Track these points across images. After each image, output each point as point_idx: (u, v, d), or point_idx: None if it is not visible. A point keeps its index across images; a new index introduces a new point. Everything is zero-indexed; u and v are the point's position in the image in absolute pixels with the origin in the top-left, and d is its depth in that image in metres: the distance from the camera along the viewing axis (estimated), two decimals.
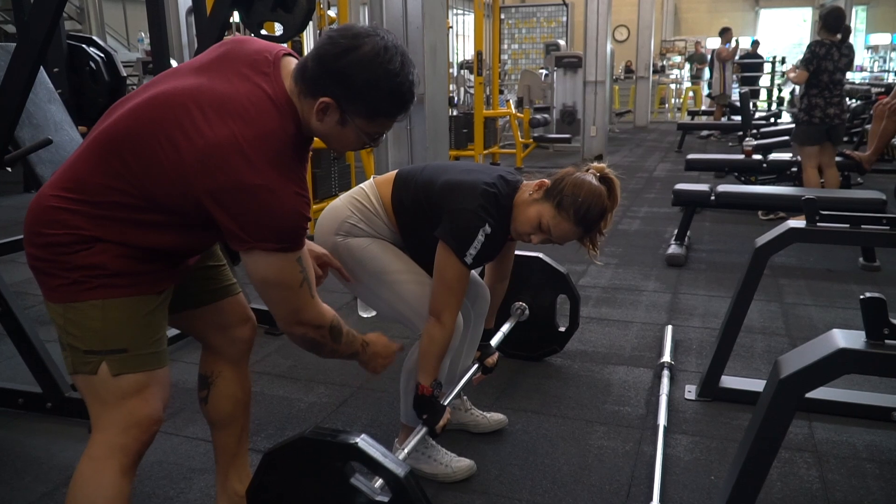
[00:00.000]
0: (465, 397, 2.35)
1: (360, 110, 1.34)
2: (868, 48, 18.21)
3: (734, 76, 11.48)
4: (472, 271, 2.09)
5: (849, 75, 4.85)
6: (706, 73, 13.59)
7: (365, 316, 3.37)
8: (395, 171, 2.06)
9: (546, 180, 1.93)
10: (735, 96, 11.06)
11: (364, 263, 1.96)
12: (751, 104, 9.48)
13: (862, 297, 1.46)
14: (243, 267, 1.40)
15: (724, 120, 10.76)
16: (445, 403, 2.00)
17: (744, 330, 2.67)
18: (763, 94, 14.23)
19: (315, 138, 1.41)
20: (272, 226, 1.29)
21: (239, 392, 1.72)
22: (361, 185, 2.06)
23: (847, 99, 5.22)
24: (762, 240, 2.38)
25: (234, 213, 1.27)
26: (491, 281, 2.30)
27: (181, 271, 1.48)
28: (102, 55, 3.63)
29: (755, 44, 13.38)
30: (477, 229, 1.84)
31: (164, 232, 1.34)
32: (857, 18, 18.82)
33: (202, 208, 1.28)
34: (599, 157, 8.65)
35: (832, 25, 4.67)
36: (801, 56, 4.97)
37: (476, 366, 2.27)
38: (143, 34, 9.78)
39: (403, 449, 1.83)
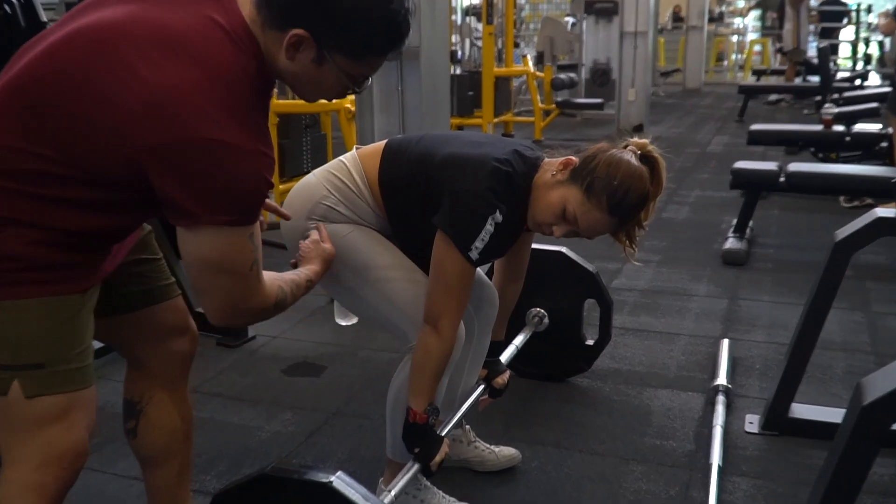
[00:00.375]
0: (467, 427, 2.37)
1: (343, 45, 1.34)
2: None
3: (810, 27, 11.52)
4: (478, 269, 2.10)
5: None
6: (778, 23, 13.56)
7: (343, 324, 3.41)
8: (384, 142, 2.07)
9: (573, 157, 1.94)
10: (812, 52, 11.10)
11: (343, 256, 1.97)
12: (831, 62, 9.52)
13: None
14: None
15: (797, 81, 10.81)
16: (443, 434, 2.02)
17: (819, 346, 2.66)
18: (846, 50, 14.31)
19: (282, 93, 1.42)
20: (229, 192, 1.28)
21: (176, 421, 1.73)
22: (341, 157, 2.07)
23: None
24: (844, 232, 2.40)
25: (182, 176, 1.25)
26: (501, 282, 2.31)
27: (110, 263, 1.48)
28: None
29: None
30: (484, 217, 1.85)
31: (94, 210, 1.33)
32: None
33: (140, 173, 1.27)
34: (639, 129, 8.68)
35: None
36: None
37: (482, 387, 2.28)
38: None
39: (390, 491, 1.85)
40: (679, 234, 4.96)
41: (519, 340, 2.63)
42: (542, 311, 2.82)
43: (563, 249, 2.79)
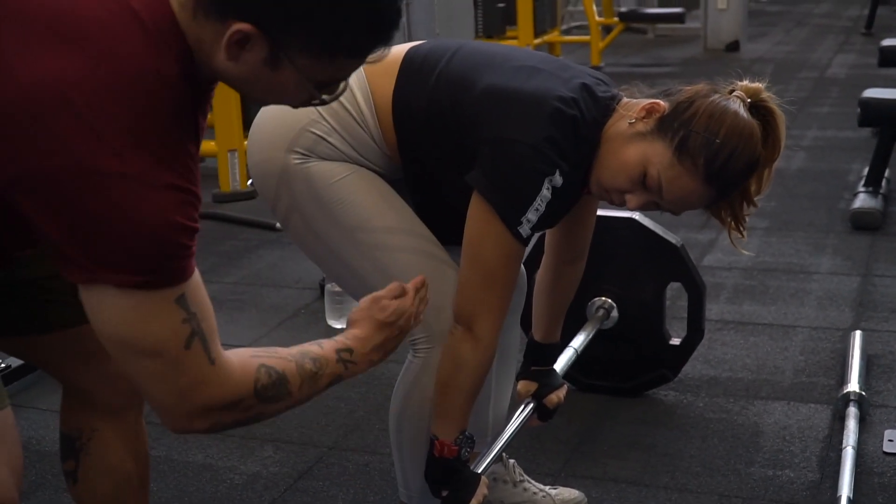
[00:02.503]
0: (511, 461, 2.40)
1: (305, 42, 1.29)
2: None
3: None
4: None
5: None
6: None
7: (338, 327, 3.45)
8: (403, 51, 2.06)
9: (661, 101, 1.94)
10: None
11: (332, 208, 1.99)
12: None
13: None
14: None
15: None
16: (479, 471, 2.06)
17: None
18: None
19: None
20: (125, 241, 1.22)
21: (127, 462, 1.76)
22: None
23: None
24: None
25: (59, 215, 1.22)
26: (554, 262, 2.33)
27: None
28: None
29: None
30: (541, 178, 1.86)
31: None
32: None
33: (7, 203, 1.24)
34: (734, 47, 8.68)
35: None
36: None
37: (530, 406, 2.32)
38: None
39: None
40: (793, 189, 5.01)
41: (579, 342, 2.65)
42: (610, 300, 2.83)
43: (635, 215, 2.81)
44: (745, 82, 1.99)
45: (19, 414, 2.88)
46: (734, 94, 1.95)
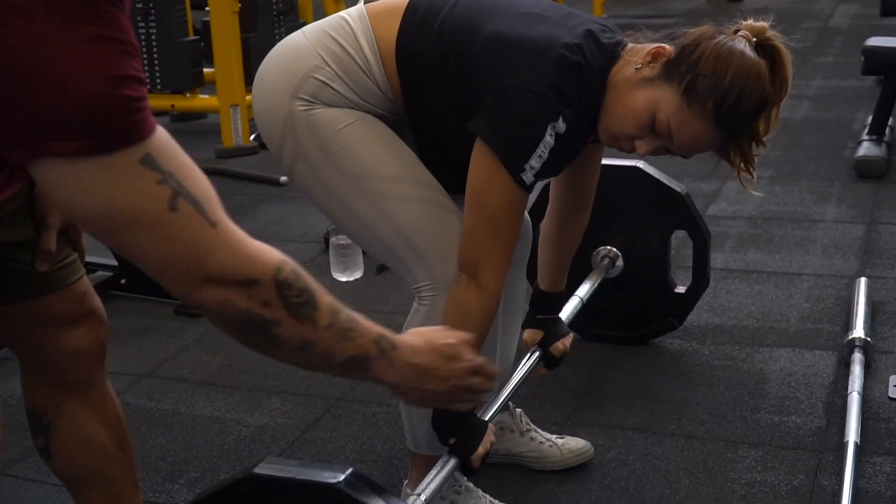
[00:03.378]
0: (518, 410, 2.46)
1: None
2: None
3: None
4: None
5: None
6: None
7: (343, 280, 3.52)
8: None
9: (666, 45, 1.95)
10: None
11: (337, 156, 2.03)
12: None
13: None
14: None
15: None
16: (486, 419, 2.09)
17: None
18: None
19: None
20: (57, 104, 1.20)
21: (99, 432, 1.77)
22: (342, 13, 2.10)
23: None
24: None
25: None
26: (560, 212, 2.36)
27: None
28: None
29: None
30: (544, 124, 1.88)
31: None
32: None
33: None
34: None
35: None
36: None
37: (536, 354, 2.35)
38: None
39: (420, 495, 1.93)
40: (797, 138, 5.12)
41: (584, 291, 2.70)
42: (615, 249, 2.88)
43: (640, 164, 2.86)
44: (750, 21, 2.00)
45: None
46: (739, 34, 1.97)
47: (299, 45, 2.09)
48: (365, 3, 2.12)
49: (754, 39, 1.97)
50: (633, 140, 1.98)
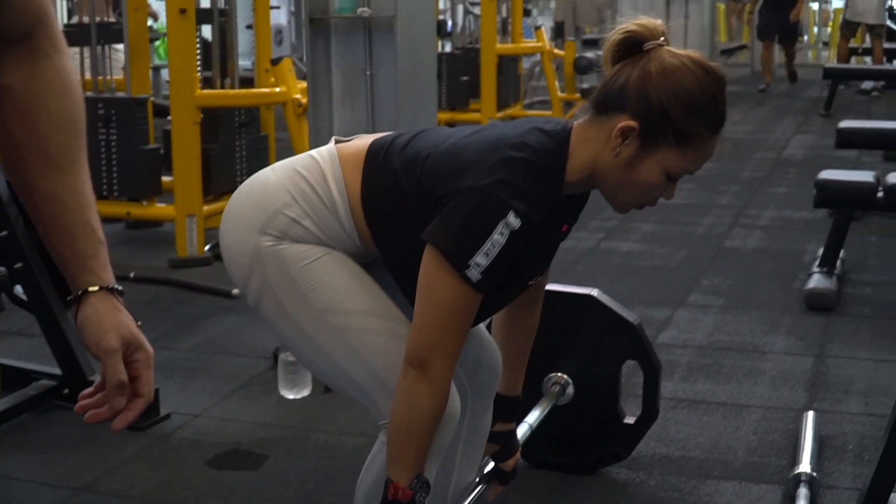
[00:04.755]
0: None
1: None
2: None
3: None
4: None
5: None
6: None
7: (290, 397, 3.54)
8: (369, 142, 2.15)
9: (629, 122, 1.96)
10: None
11: (304, 290, 2.05)
12: None
13: None
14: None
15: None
16: None
17: None
18: None
19: None
20: None
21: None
22: (313, 152, 2.16)
23: None
24: None
25: None
26: (511, 310, 2.38)
27: None
28: None
29: None
30: (493, 222, 1.89)
31: None
32: None
33: None
34: None
35: None
36: None
37: (491, 464, 2.39)
38: None
39: None
40: (749, 268, 5.27)
41: (533, 418, 2.72)
42: (566, 377, 2.90)
43: (594, 293, 2.92)
44: (643, 21, 2.04)
45: None
46: (651, 52, 2.00)
47: (268, 181, 2.15)
48: (336, 143, 2.18)
49: (664, 44, 2.02)
50: (656, 198, 2.06)
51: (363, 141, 2.19)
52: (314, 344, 2.13)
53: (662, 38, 2.03)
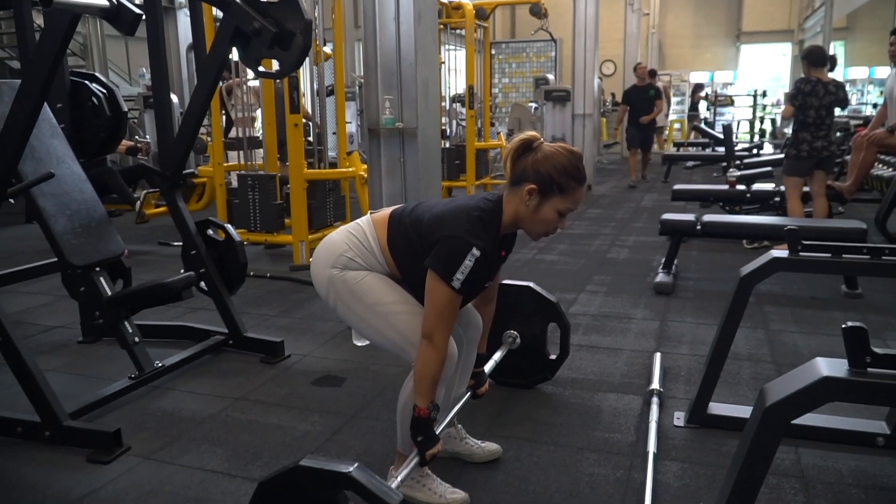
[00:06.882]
0: (459, 426, 3.18)
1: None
2: (846, 81, 23.64)
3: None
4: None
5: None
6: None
7: (359, 345, 4.57)
8: (390, 211, 2.73)
9: (531, 185, 2.49)
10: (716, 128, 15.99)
11: (359, 295, 2.65)
12: (733, 136, 13.12)
13: (844, 326, 1.97)
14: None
15: (707, 152, 14.88)
16: (438, 431, 2.70)
17: (730, 357, 3.71)
18: (745, 127, 22.59)
19: None
20: None
21: None
22: (359, 220, 2.77)
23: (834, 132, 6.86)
24: (747, 269, 3.21)
25: None
26: (477, 304, 3.08)
27: None
28: (104, 91, 4.81)
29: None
30: (464, 254, 2.43)
31: None
32: (836, 53, 23.86)
33: None
34: (588, 188, 11.32)
35: (816, 60, 6.43)
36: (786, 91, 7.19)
37: (469, 394, 3.12)
38: (144, 70, 13.27)
39: (397, 477, 2.45)
40: (620, 270, 6.65)
41: (497, 356, 3.53)
42: (516, 332, 3.73)
43: (531, 284, 3.71)
44: (530, 133, 2.60)
45: (166, 395, 4.00)
46: (537, 146, 2.54)
47: (334, 238, 2.69)
48: (371, 215, 2.72)
49: (542, 140, 2.57)
50: (556, 228, 2.55)
51: (386, 211, 2.69)
52: (367, 323, 2.67)
53: (541, 140, 2.55)
